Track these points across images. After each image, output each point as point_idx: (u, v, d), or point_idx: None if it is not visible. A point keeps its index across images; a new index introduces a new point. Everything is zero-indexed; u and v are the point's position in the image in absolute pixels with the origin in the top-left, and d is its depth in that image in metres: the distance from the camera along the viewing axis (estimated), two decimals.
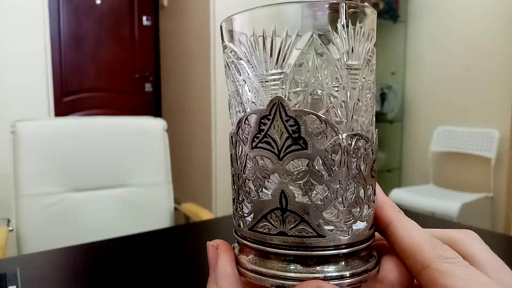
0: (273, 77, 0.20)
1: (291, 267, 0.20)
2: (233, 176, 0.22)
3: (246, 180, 0.21)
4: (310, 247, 0.20)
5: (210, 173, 2.59)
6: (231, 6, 2.55)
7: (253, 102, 0.21)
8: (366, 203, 0.21)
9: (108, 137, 1.42)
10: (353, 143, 0.20)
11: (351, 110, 0.20)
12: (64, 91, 2.98)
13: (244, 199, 0.21)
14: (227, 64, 0.22)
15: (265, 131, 0.20)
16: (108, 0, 3.09)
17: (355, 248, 0.20)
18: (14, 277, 0.68)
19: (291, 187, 0.19)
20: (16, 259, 0.91)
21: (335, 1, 0.20)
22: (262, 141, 0.20)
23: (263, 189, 0.20)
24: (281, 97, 0.19)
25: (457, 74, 2.46)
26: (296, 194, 0.19)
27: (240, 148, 0.21)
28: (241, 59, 0.21)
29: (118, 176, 1.41)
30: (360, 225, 0.21)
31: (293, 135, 0.19)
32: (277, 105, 0.19)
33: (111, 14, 3.11)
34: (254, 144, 0.20)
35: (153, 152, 1.48)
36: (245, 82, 0.21)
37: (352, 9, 0.20)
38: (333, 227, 0.20)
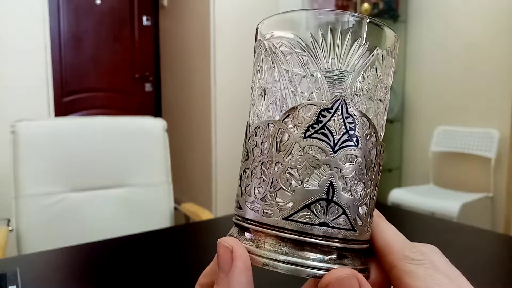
0: (337, 74, 0.21)
1: (328, 258, 0.21)
2: (260, 164, 0.22)
3: (289, 168, 0.21)
4: (345, 240, 0.21)
5: (210, 173, 2.59)
6: (231, 6, 2.55)
7: (306, 94, 0.21)
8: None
9: (108, 137, 1.42)
10: (382, 148, 0.22)
11: (383, 117, 0.23)
12: (64, 91, 2.98)
13: (281, 188, 0.21)
14: (273, 52, 0.22)
15: (323, 123, 0.21)
16: (108, 0, 3.09)
17: (368, 245, 0.22)
18: (14, 277, 0.68)
19: (338, 180, 0.21)
20: (16, 259, 0.91)
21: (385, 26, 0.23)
22: (319, 132, 0.21)
23: (310, 179, 0.21)
24: (344, 95, 0.21)
25: (457, 74, 2.46)
26: (342, 187, 0.21)
27: (287, 136, 0.21)
28: (304, 50, 0.21)
29: (118, 176, 1.41)
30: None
31: (349, 131, 0.21)
32: (340, 101, 0.21)
33: (111, 14, 3.11)
34: (308, 133, 0.21)
35: (153, 152, 1.48)
36: (304, 74, 0.21)
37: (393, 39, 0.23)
38: (362, 223, 0.21)
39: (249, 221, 0.22)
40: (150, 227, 1.13)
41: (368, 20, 0.21)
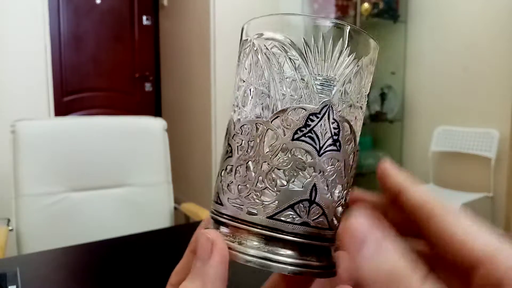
0: (326, 80, 0.22)
1: (307, 256, 0.21)
2: (246, 162, 0.22)
3: (275, 169, 0.21)
4: (323, 239, 0.22)
5: (210, 173, 2.59)
6: (231, 6, 2.55)
7: (295, 97, 0.22)
8: None
9: (108, 137, 1.42)
10: (357, 153, 0.23)
11: (360, 123, 0.24)
12: (64, 90, 2.98)
13: (266, 187, 0.21)
14: (263, 53, 0.22)
15: (311, 127, 0.21)
16: (108, 0, 3.09)
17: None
18: (14, 277, 0.68)
19: (321, 182, 0.21)
20: (16, 259, 0.91)
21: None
22: (306, 135, 0.21)
23: (295, 180, 0.21)
24: (331, 101, 0.22)
25: (457, 74, 2.46)
26: (323, 189, 0.21)
27: (275, 137, 0.21)
28: (297, 54, 0.22)
29: (118, 176, 1.41)
30: None
31: (333, 136, 0.21)
32: (328, 106, 0.21)
33: (111, 14, 3.11)
34: (296, 136, 0.21)
35: (153, 151, 1.48)
36: (295, 78, 0.22)
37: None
38: (337, 223, 0.22)
39: (230, 217, 0.22)
40: (150, 227, 1.13)
41: (355, 29, 0.22)
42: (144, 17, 3.25)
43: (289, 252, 0.21)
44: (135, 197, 1.43)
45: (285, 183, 0.21)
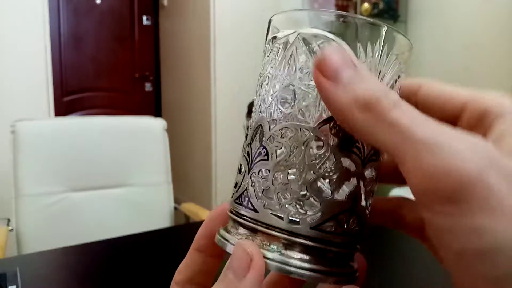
0: None
1: (346, 265, 0.22)
2: (288, 169, 0.21)
3: (321, 178, 0.21)
4: (355, 247, 0.22)
5: (210, 173, 2.59)
6: (231, 6, 2.55)
7: None
8: None
9: (108, 137, 1.42)
10: None
11: None
12: (64, 90, 2.98)
13: (311, 197, 0.21)
14: (313, 52, 0.21)
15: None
16: (108, 0, 3.09)
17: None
18: (14, 277, 0.68)
19: (361, 192, 0.21)
20: (16, 259, 0.91)
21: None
22: (355, 146, 0.21)
23: (340, 191, 0.21)
24: None
25: (457, 73, 2.46)
26: (361, 199, 0.21)
27: (322, 145, 0.21)
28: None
29: (118, 176, 1.42)
30: None
31: (374, 148, 0.21)
32: None
33: (111, 14, 3.11)
34: (345, 145, 0.21)
35: (153, 151, 1.48)
36: None
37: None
38: (364, 231, 0.23)
39: (266, 225, 0.21)
40: (150, 227, 1.13)
41: (392, 28, 0.21)
42: (144, 17, 3.25)
43: (323, 261, 0.21)
44: (135, 197, 1.43)
45: (330, 193, 0.21)
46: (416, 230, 0.23)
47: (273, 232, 0.21)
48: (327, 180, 0.21)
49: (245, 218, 0.21)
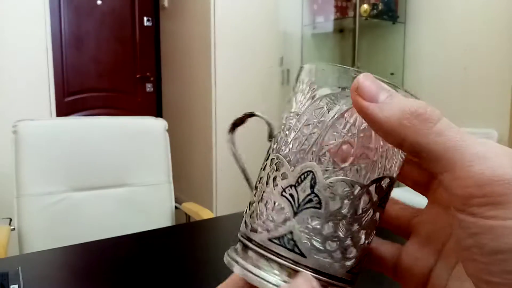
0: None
1: None
2: (339, 220, 0.22)
3: (362, 229, 0.23)
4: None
5: (211, 172, 2.59)
6: (231, 7, 2.55)
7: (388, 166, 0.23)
8: None
9: (109, 137, 1.43)
10: None
11: None
12: (66, 91, 2.99)
13: (352, 246, 0.23)
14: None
15: (389, 194, 0.24)
16: (109, 1, 3.10)
17: None
18: (16, 276, 0.68)
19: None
20: (18, 258, 0.92)
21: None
22: (384, 201, 0.24)
23: (370, 239, 0.24)
24: None
25: (456, 74, 2.46)
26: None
27: (368, 200, 0.23)
28: None
29: (119, 176, 1.42)
30: None
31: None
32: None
33: (112, 15, 3.12)
34: (380, 202, 0.23)
35: (154, 151, 1.49)
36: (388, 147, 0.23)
37: None
38: None
39: (312, 269, 0.22)
40: (151, 226, 1.13)
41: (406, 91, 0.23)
42: (145, 18, 3.25)
43: None
44: (136, 197, 1.43)
45: (365, 242, 0.23)
46: (388, 267, 0.25)
47: (319, 276, 0.22)
48: (365, 231, 0.23)
49: (288, 260, 0.22)
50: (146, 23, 3.26)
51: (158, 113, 3.37)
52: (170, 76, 3.24)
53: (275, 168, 0.23)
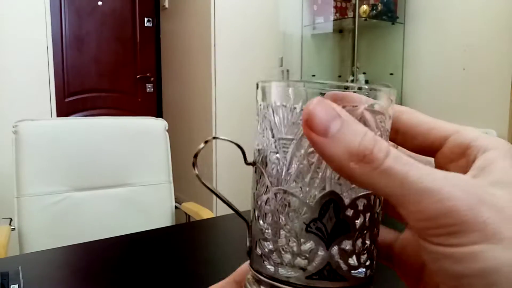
0: None
1: None
2: (363, 234, 0.23)
3: (378, 230, 0.23)
4: None
5: (211, 172, 2.60)
6: (231, 8, 2.56)
7: None
8: None
9: (110, 137, 1.43)
10: None
11: None
12: (66, 91, 3.00)
13: (374, 248, 0.23)
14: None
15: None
16: (110, 1, 3.10)
17: None
18: (16, 276, 0.68)
19: None
20: (18, 258, 0.92)
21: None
22: None
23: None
24: None
25: (455, 74, 2.47)
26: None
27: (378, 205, 0.23)
28: None
29: (119, 176, 1.42)
30: None
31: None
32: None
33: (113, 16, 3.13)
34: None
35: (154, 151, 1.49)
36: None
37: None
38: None
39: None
40: (151, 226, 1.13)
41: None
42: (146, 19, 3.26)
43: None
44: (137, 197, 1.44)
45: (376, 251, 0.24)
46: (387, 257, 0.25)
47: None
48: (378, 230, 0.23)
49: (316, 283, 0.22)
50: (146, 24, 3.27)
51: (158, 113, 3.37)
52: (170, 76, 3.25)
53: (286, 203, 0.22)
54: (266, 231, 0.23)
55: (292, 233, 0.22)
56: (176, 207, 1.51)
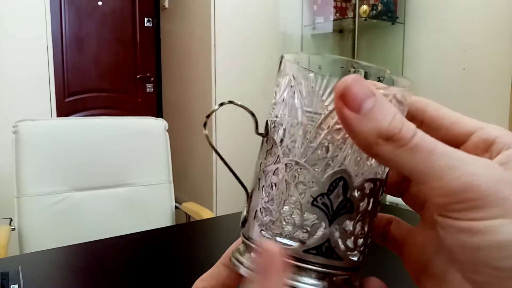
0: None
1: None
2: (366, 217, 0.23)
3: (375, 217, 0.24)
4: None
5: (211, 172, 2.60)
6: (231, 8, 2.56)
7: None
8: None
9: (110, 137, 1.43)
10: None
11: None
12: (66, 91, 3.00)
13: (371, 235, 0.23)
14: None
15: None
16: (110, 1, 3.10)
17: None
18: (16, 276, 0.69)
19: None
20: (18, 258, 0.92)
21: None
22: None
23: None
24: None
25: (455, 75, 2.47)
26: None
27: (381, 193, 0.23)
28: None
29: (119, 176, 1.43)
30: None
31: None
32: None
33: (113, 16, 3.13)
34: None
35: (154, 151, 1.49)
36: None
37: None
38: None
39: (342, 268, 0.22)
40: (151, 226, 1.14)
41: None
42: (146, 19, 3.26)
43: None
44: (137, 197, 1.44)
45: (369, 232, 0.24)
46: (397, 245, 0.26)
47: (350, 272, 0.23)
48: (376, 217, 0.24)
49: (327, 267, 0.22)
50: (146, 24, 3.27)
51: (158, 113, 3.37)
52: (170, 77, 3.25)
53: (297, 175, 0.22)
54: (270, 201, 0.23)
55: (297, 205, 0.22)
56: (176, 207, 1.51)
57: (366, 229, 0.23)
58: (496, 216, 0.17)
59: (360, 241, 0.22)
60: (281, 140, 0.23)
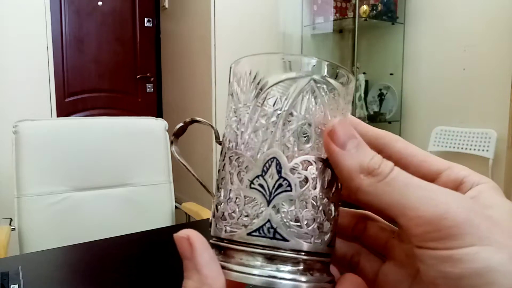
0: None
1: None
2: (317, 198, 0.23)
3: (331, 202, 0.23)
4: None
5: (211, 172, 2.60)
6: (231, 8, 2.56)
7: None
8: None
9: (110, 137, 1.43)
10: None
11: None
12: (66, 91, 3.00)
13: (326, 220, 0.23)
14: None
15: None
16: (110, 1, 3.10)
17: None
18: (17, 276, 0.69)
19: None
20: (18, 258, 0.92)
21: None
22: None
23: (339, 210, 0.25)
24: None
25: (455, 74, 2.47)
26: None
27: (333, 174, 0.23)
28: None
29: (119, 176, 1.43)
30: None
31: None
32: None
33: (113, 16, 3.13)
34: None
35: (154, 151, 1.49)
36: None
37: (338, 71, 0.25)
38: None
39: (295, 251, 0.22)
40: (151, 226, 1.14)
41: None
42: (146, 19, 3.26)
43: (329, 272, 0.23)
44: (137, 197, 1.44)
45: (335, 213, 0.24)
46: (368, 280, 0.25)
47: (302, 256, 0.22)
48: (333, 203, 0.23)
49: (272, 249, 0.22)
50: (146, 24, 3.27)
51: (158, 113, 3.37)
52: (170, 77, 3.25)
53: (237, 164, 0.23)
54: (222, 196, 0.24)
55: (239, 192, 0.23)
56: (176, 207, 1.51)
57: (316, 211, 0.22)
58: (471, 243, 0.18)
59: (310, 222, 0.22)
60: (227, 139, 0.24)
